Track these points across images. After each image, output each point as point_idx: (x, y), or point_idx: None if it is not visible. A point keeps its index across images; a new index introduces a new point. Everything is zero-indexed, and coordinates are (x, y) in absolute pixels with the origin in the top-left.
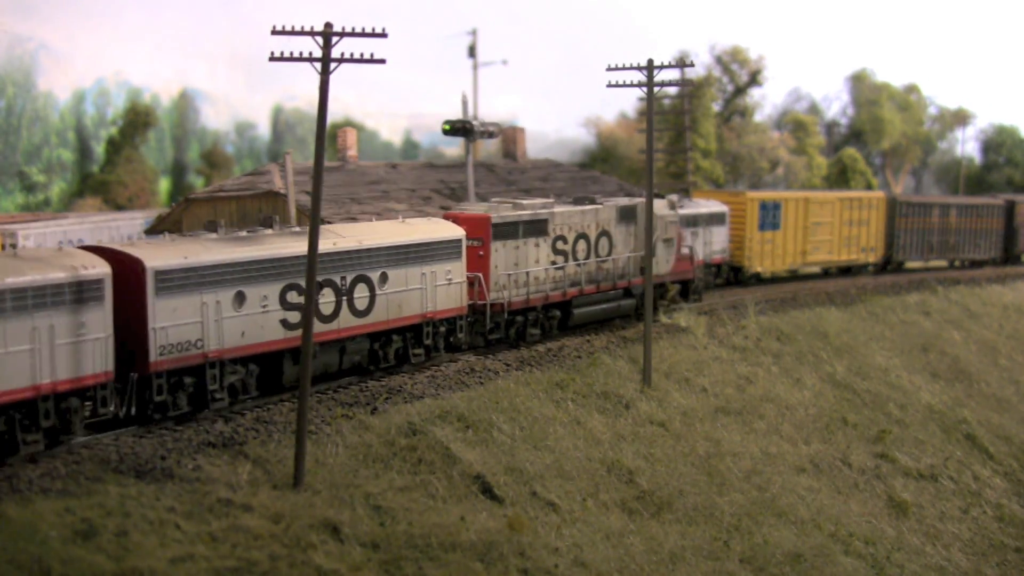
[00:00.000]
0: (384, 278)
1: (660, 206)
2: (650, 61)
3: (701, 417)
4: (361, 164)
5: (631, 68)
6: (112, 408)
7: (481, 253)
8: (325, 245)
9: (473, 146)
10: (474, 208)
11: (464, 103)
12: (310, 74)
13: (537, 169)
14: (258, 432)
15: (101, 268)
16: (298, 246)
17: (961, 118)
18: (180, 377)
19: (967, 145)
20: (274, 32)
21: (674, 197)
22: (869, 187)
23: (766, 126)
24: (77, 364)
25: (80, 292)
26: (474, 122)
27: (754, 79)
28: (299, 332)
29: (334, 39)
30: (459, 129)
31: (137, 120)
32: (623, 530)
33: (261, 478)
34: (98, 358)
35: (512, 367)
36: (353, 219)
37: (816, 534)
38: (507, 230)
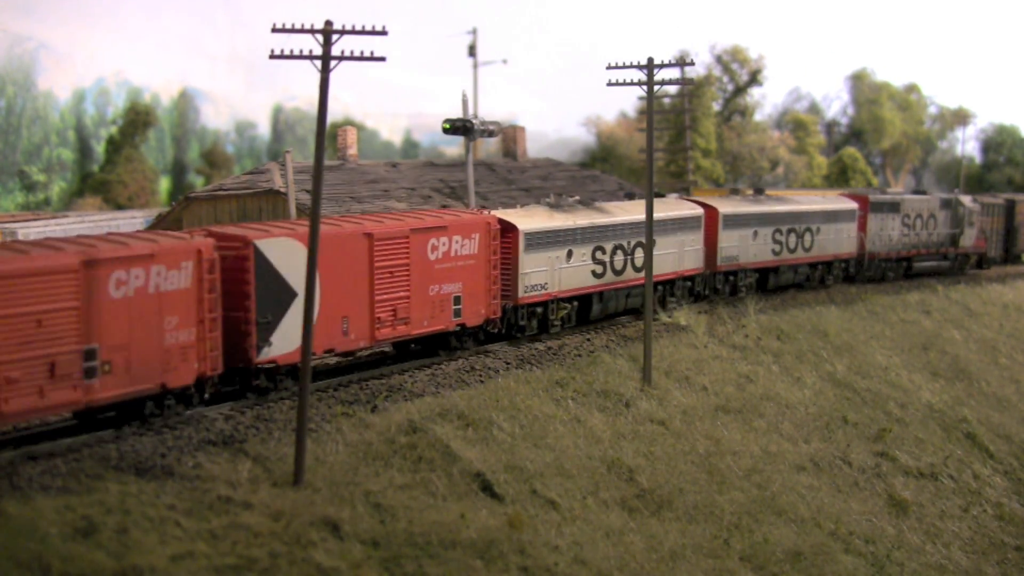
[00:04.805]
0: (819, 230)
1: (967, 200)
2: (650, 60)
3: (701, 415)
4: (361, 163)
5: (631, 67)
6: (700, 289)
7: (862, 219)
8: (800, 207)
9: (473, 145)
10: (859, 191)
11: (464, 102)
12: (310, 74)
13: (537, 168)
14: (258, 430)
15: (700, 210)
16: (782, 206)
17: (961, 118)
18: (726, 275)
19: (967, 144)
20: (274, 30)
21: (967, 196)
22: (869, 186)
23: (766, 125)
24: (689, 261)
25: (691, 222)
26: (474, 121)
27: (754, 79)
28: (776, 258)
29: (334, 37)
30: (459, 128)
31: (137, 119)
32: (623, 528)
33: (261, 476)
34: (696, 259)
35: (512, 365)
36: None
37: (816, 532)
38: (878, 206)
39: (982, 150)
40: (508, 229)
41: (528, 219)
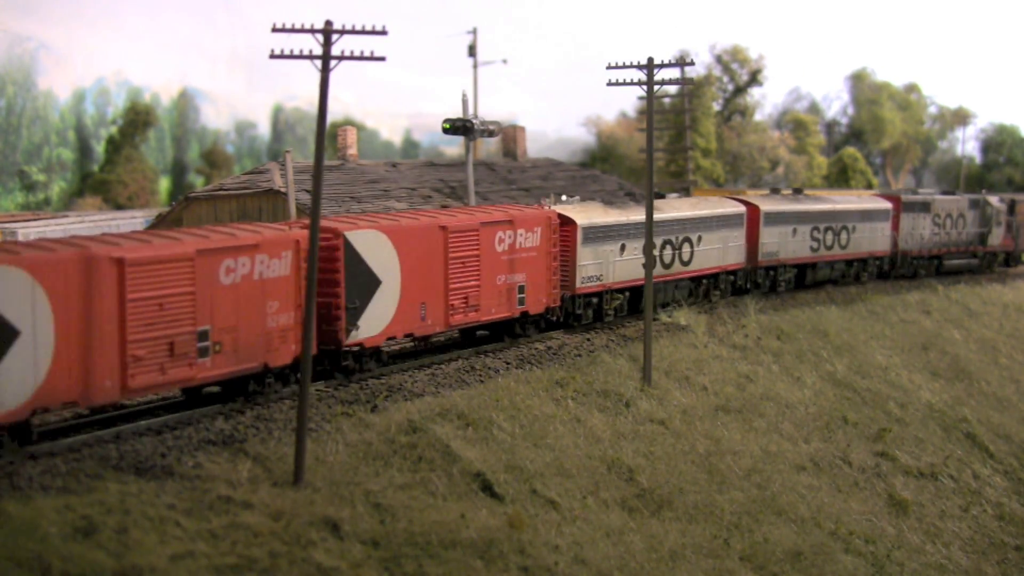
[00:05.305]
0: (854, 228)
1: (994, 200)
2: (650, 60)
3: (701, 415)
4: (361, 163)
5: (631, 67)
6: (742, 283)
7: (895, 219)
8: (837, 207)
9: (473, 145)
10: (892, 191)
11: (464, 102)
12: (310, 74)
13: (537, 168)
14: (258, 430)
15: (742, 208)
16: (820, 205)
17: (961, 117)
18: (767, 270)
19: (967, 144)
20: (274, 30)
21: (994, 196)
22: (869, 186)
23: (766, 125)
24: (732, 256)
25: (735, 219)
26: (474, 121)
27: (754, 78)
28: (814, 254)
29: (334, 36)
30: (459, 128)
31: (137, 119)
32: (623, 528)
33: (261, 476)
34: (739, 255)
35: (512, 365)
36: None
37: (816, 532)
38: (910, 206)
39: (982, 150)
40: (566, 223)
41: (585, 214)
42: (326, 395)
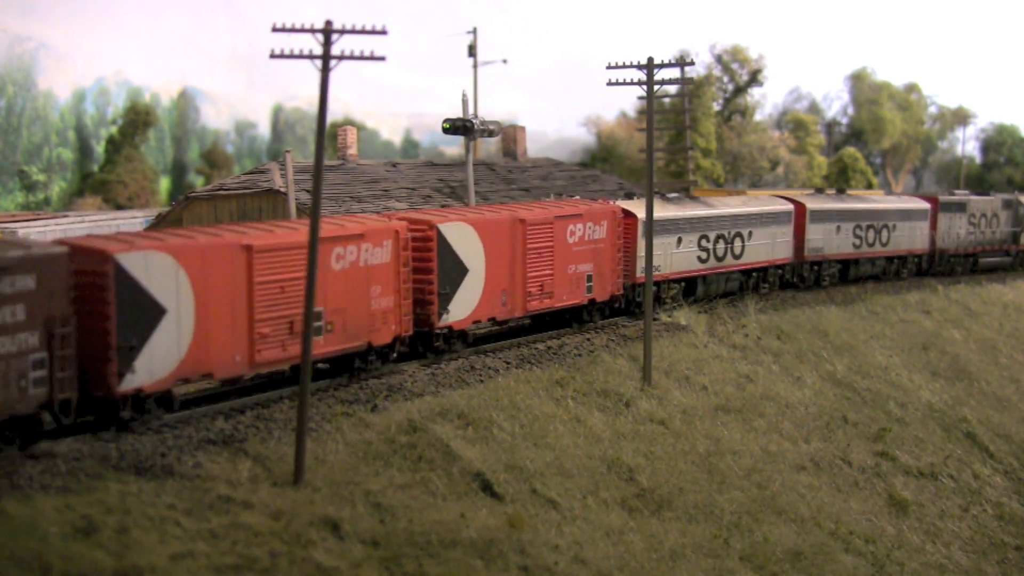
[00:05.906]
0: (895, 227)
1: None
2: (650, 60)
3: (701, 415)
4: (361, 163)
5: (631, 67)
6: (789, 277)
7: (932, 218)
8: (878, 206)
9: (473, 145)
10: (931, 192)
11: (464, 102)
12: (310, 73)
13: (537, 168)
14: (258, 429)
15: (790, 206)
16: (862, 204)
17: (961, 117)
18: (812, 265)
19: (967, 144)
20: (274, 30)
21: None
22: (870, 186)
23: (766, 125)
24: (780, 251)
25: (783, 217)
26: (474, 121)
27: (754, 78)
28: (856, 251)
29: (334, 37)
30: (459, 128)
31: (137, 119)
32: (623, 528)
33: (261, 475)
34: (787, 250)
35: (512, 365)
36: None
37: (816, 532)
38: (947, 206)
39: (982, 150)
40: (628, 216)
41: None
42: (326, 395)
